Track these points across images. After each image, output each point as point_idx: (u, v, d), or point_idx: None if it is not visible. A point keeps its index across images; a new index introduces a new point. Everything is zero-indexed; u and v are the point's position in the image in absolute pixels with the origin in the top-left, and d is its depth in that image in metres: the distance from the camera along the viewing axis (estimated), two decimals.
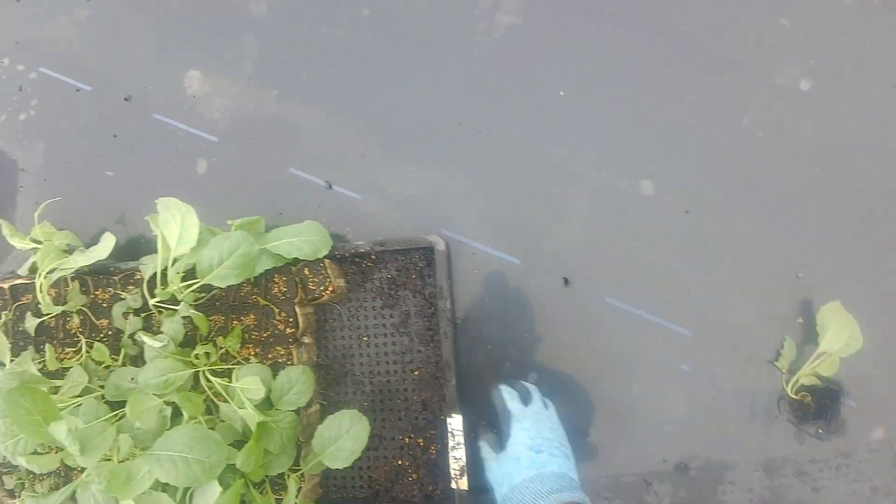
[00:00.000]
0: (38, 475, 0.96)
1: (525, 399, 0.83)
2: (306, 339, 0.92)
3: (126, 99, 1.09)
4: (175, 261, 0.86)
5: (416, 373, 0.92)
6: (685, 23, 0.97)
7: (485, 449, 0.82)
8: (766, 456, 0.90)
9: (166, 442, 0.78)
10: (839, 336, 0.87)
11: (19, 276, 1.00)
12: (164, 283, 0.88)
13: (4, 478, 0.98)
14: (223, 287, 0.88)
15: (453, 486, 0.85)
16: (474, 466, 0.89)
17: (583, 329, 0.93)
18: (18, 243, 1.02)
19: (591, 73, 0.98)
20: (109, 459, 0.82)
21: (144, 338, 0.85)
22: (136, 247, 1.05)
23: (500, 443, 0.81)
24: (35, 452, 0.93)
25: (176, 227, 0.83)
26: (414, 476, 0.89)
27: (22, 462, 0.85)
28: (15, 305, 0.99)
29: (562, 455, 0.77)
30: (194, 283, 0.88)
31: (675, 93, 0.96)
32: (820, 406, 0.90)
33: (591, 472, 0.92)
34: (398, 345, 0.93)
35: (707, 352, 0.92)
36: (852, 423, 0.91)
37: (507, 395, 0.83)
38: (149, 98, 1.08)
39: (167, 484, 0.78)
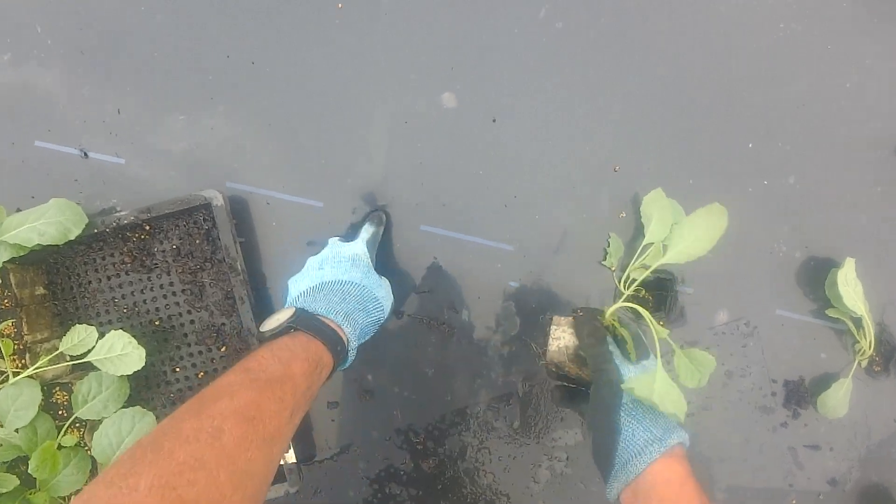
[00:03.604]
0: None
1: None
2: None
3: None
4: None
5: (223, 349, 0.81)
6: None
7: None
8: None
9: None
10: (663, 223, 0.82)
11: None
12: None
13: None
14: None
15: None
16: (298, 442, 0.81)
17: (403, 263, 0.85)
18: None
19: None
20: None
21: None
22: None
23: None
24: None
25: None
26: None
27: None
28: None
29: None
30: None
31: None
32: (658, 298, 0.86)
33: (437, 412, 0.85)
34: (197, 322, 0.81)
35: (533, 264, 0.85)
36: (693, 310, 0.88)
37: None
38: None
39: None
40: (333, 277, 0.70)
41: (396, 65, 0.84)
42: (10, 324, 0.78)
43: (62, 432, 0.76)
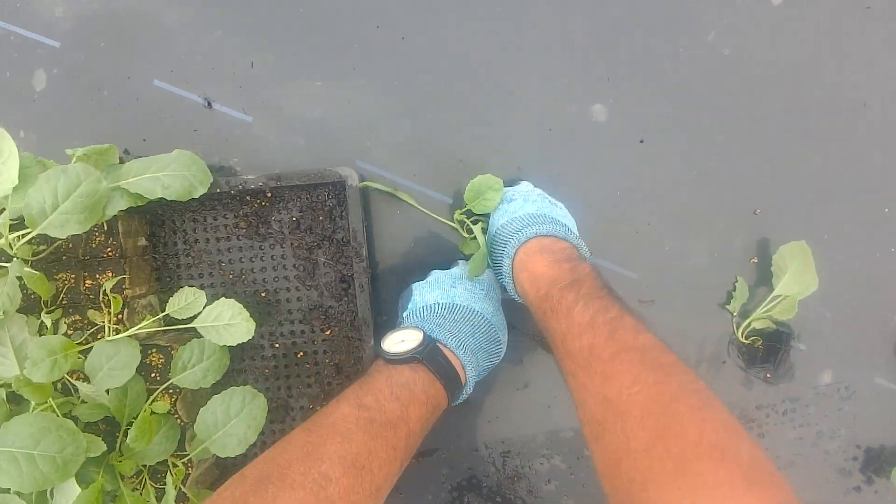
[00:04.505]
0: None
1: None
2: None
3: None
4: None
5: (328, 332, 0.77)
6: None
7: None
8: None
9: (4, 436, 0.60)
10: (800, 278, 0.80)
11: None
12: None
13: None
14: (65, 238, 0.68)
15: None
16: None
17: None
18: None
19: None
20: None
21: None
22: None
23: None
24: None
25: None
26: None
27: None
28: None
29: (543, 201, 0.69)
30: (27, 234, 0.67)
31: (633, 4, 0.81)
32: (769, 350, 0.84)
33: (528, 431, 0.83)
34: (304, 300, 0.77)
35: (655, 296, 0.83)
36: (801, 366, 0.86)
37: None
38: None
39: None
40: (466, 303, 0.66)
41: (552, 64, 0.79)
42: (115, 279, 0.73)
43: (153, 397, 0.72)
